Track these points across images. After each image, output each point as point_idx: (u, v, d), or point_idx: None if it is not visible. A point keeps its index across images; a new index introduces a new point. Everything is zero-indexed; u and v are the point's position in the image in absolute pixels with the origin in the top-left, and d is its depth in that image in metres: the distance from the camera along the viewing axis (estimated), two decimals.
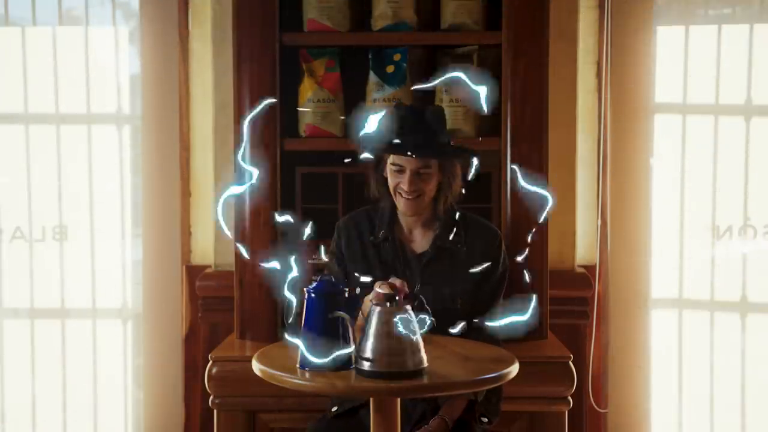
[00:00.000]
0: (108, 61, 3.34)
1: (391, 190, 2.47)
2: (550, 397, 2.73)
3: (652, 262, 3.29)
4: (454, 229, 2.50)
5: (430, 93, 2.96)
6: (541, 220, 2.69)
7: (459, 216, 2.53)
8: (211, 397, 2.77)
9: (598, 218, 3.27)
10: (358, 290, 2.46)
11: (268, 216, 2.86)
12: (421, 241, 2.53)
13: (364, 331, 1.99)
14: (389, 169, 2.45)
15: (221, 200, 2.13)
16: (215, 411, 2.77)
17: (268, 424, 2.78)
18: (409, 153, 2.38)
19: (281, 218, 2.29)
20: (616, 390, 3.30)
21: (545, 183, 2.84)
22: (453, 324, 2.30)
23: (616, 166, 3.27)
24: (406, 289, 2.21)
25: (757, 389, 3.26)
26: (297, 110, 2.95)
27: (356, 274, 2.41)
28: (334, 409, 2.50)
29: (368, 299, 2.21)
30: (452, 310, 2.43)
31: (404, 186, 2.41)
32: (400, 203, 2.46)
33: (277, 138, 2.86)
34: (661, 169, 3.29)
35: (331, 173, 2.99)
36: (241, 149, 2.58)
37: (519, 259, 2.55)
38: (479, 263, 2.45)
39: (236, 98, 2.86)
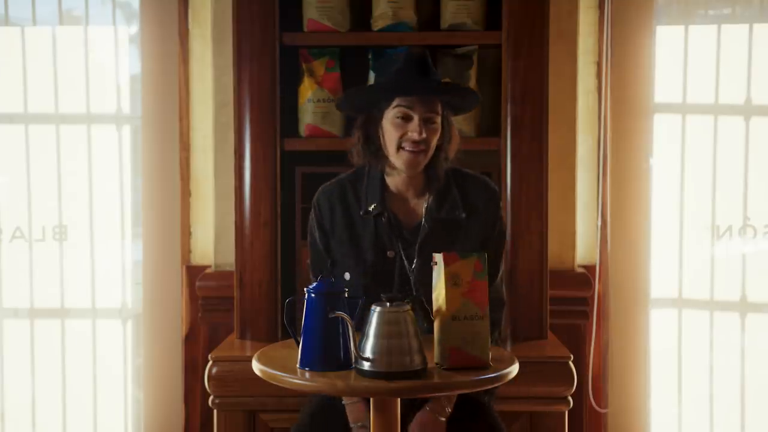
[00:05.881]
0: (108, 61, 3.34)
1: (393, 144, 2.26)
2: (550, 397, 2.73)
3: (651, 262, 3.29)
4: (450, 196, 2.35)
5: None
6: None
7: (453, 174, 2.37)
8: (211, 397, 2.77)
9: (598, 218, 3.27)
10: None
11: (269, 216, 2.86)
12: (415, 211, 2.35)
13: (364, 331, 1.99)
14: (392, 122, 2.25)
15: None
16: (215, 411, 2.77)
17: (268, 424, 2.78)
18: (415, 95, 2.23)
19: None
20: (616, 390, 3.30)
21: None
22: None
23: (616, 166, 3.27)
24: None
25: (757, 389, 3.26)
26: (297, 110, 2.95)
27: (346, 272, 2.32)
28: None
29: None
30: None
31: (413, 134, 2.22)
32: (402, 158, 2.26)
33: (277, 138, 2.86)
34: (661, 169, 3.29)
35: (331, 173, 2.98)
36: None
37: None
38: (479, 228, 2.33)
39: (236, 98, 2.87)
